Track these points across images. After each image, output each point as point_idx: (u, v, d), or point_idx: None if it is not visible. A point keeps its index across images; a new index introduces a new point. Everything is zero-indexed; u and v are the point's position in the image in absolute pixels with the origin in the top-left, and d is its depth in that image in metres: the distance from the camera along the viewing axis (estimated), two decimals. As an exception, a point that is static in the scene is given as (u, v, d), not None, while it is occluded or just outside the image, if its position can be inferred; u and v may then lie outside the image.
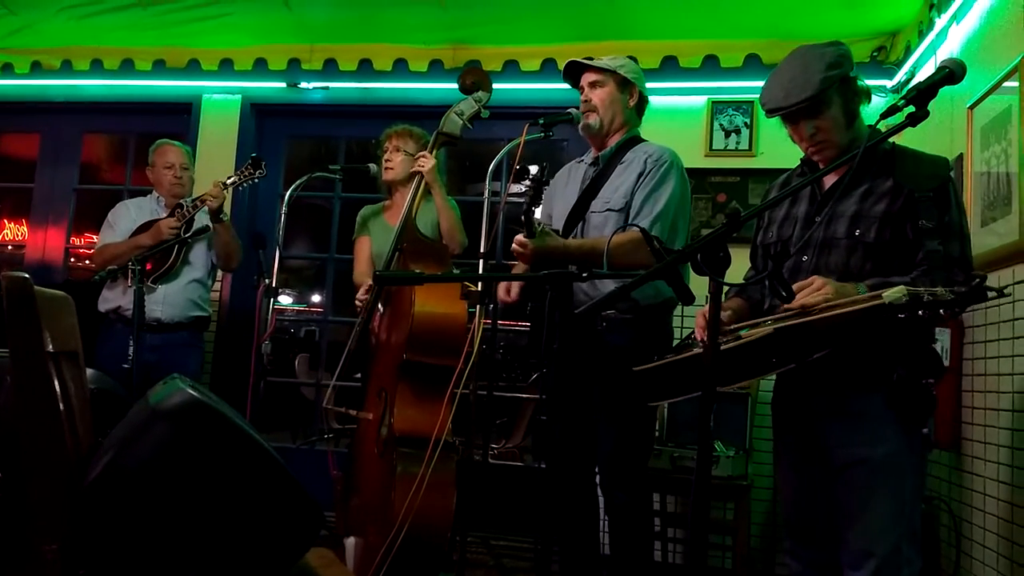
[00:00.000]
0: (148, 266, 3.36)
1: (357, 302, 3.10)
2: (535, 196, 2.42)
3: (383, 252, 3.00)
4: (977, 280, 1.51)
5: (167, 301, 3.45)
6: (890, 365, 1.78)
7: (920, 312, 1.49)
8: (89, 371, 1.81)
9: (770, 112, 1.97)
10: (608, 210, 2.62)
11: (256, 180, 3.54)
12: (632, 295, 2.53)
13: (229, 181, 3.45)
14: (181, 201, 3.56)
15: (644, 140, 2.78)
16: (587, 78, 2.73)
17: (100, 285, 3.43)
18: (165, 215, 3.57)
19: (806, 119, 1.93)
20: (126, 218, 3.61)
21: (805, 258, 1.94)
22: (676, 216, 2.62)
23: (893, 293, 1.50)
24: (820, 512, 1.94)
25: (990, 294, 1.55)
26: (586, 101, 2.71)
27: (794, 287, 1.69)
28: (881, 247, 1.85)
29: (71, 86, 4.47)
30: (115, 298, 3.45)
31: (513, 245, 2.51)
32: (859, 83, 1.96)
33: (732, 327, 1.91)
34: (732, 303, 2.10)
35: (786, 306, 1.72)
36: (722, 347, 1.68)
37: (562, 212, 2.74)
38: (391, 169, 3.25)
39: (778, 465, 2.12)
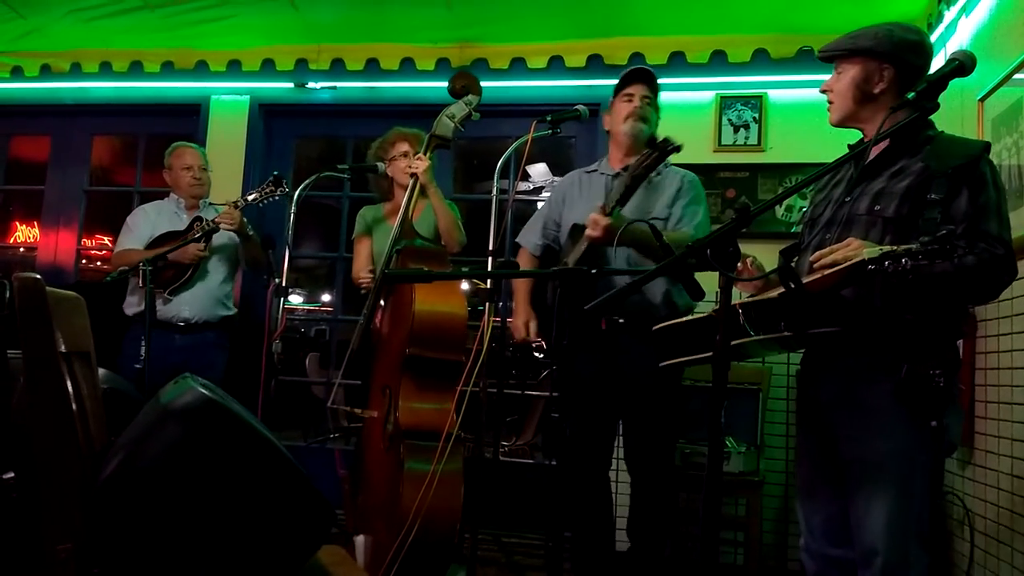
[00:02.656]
0: (166, 275, 3.42)
1: (360, 281, 3.12)
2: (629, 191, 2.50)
3: (383, 251, 3.01)
4: (945, 232, 1.44)
5: (194, 301, 3.48)
6: (901, 357, 1.75)
7: (887, 264, 1.45)
8: (101, 371, 1.82)
9: None
10: (654, 219, 2.71)
11: (277, 198, 3.54)
12: (673, 302, 2.71)
13: (250, 198, 3.46)
14: (200, 215, 3.58)
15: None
16: (643, 89, 2.80)
17: (113, 286, 3.45)
18: (185, 218, 3.62)
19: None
20: (145, 222, 3.65)
21: (828, 235, 1.92)
22: (708, 229, 2.78)
23: (872, 250, 1.49)
24: (836, 508, 1.91)
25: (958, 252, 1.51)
26: (643, 108, 2.79)
27: (829, 248, 1.69)
28: (899, 221, 1.80)
29: (80, 88, 4.50)
30: (139, 302, 3.49)
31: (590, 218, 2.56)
32: (894, 70, 1.90)
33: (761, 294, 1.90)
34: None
35: (813, 262, 1.70)
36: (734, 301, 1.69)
37: (582, 219, 2.78)
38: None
39: (798, 459, 2.09)
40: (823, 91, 2.03)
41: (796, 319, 1.66)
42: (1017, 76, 2.54)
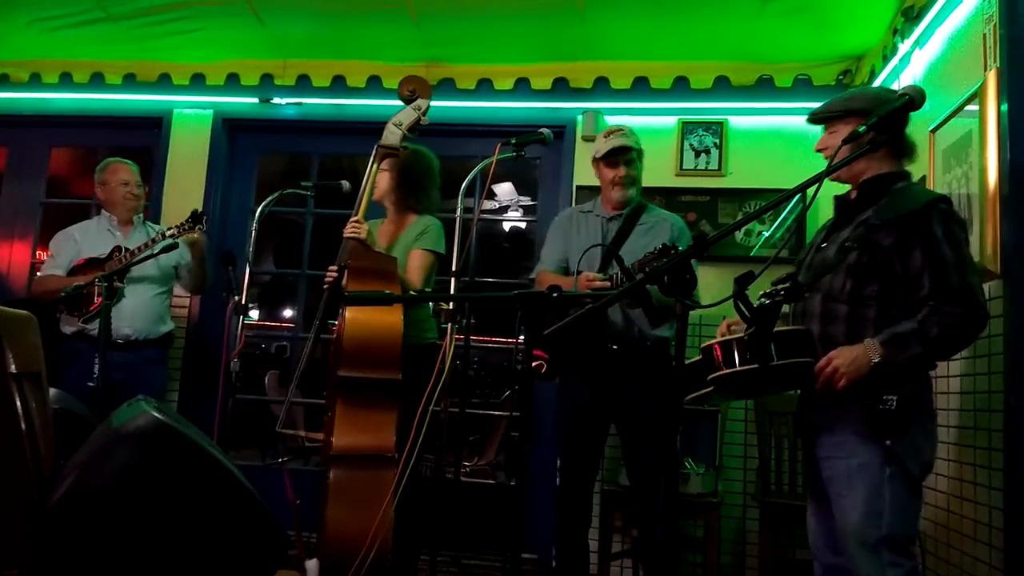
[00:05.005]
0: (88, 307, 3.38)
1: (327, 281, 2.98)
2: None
3: None
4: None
5: (136, 316, 3.41)
6: (864, 386, 1.85)
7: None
8: (52, 391, 1.79)
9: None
10: None
11: (196, 234, 3.41)
12: (656, 334, 2.86)
13: (168, 233, 3.35)
14: (122, 244, 3.48)
15: (647, 203, 3.07)
16: (625, 155, 2.95)
17: (62, 302, 3.38)
18: (119, 235, 3.57)
19: None
20: (67, 247, 3.57)
21: (804, 278, 2.04)
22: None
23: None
24: (833, 521, 2.01)
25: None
26: (627, 173, 2.96)
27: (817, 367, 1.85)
28: (859, 269, 1.92)
29: (39, 100, 4.42)
30: (74, 320, 3.42)
31: None
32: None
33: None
34: None
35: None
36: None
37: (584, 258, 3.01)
38: (377, 187, 3.16)
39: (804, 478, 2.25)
40: (819, 150, 2.11)
41: (763, 353, 1.75)
42: (968, 108, 2.62)
